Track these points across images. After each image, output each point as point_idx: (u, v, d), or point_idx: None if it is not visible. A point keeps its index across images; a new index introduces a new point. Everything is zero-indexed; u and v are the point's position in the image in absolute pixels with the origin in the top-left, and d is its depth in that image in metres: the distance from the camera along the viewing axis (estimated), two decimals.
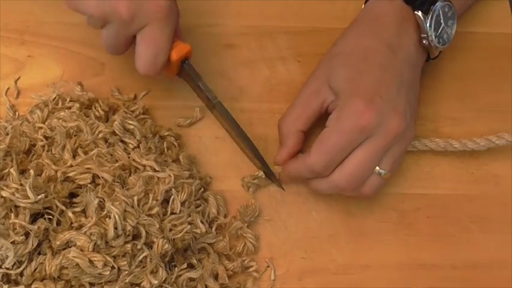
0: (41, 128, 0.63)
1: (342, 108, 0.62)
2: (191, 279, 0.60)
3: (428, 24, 0.64)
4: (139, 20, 0.59)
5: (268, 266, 0.65)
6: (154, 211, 0.59)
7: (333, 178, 0.62)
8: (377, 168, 0.62)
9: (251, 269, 0.64)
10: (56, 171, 0.59)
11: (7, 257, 0.55)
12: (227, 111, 0.66)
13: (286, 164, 0.66)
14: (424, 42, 0.66)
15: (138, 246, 0.57)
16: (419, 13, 0.64)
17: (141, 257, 0.57)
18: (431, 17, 0.64)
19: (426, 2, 0.65)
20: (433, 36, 0.65)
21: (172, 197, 0.60)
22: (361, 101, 0.61)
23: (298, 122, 0.66)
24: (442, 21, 0.66)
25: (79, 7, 0.60)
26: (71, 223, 0.57)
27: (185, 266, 0.60)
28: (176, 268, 0.60)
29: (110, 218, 0.56)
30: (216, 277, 0.62)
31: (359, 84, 0.62)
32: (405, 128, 0.62)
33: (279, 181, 0.67)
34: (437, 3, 0.65)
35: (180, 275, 0.60)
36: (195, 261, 0.62)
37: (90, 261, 0.55)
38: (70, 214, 0.57)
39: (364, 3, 0.69)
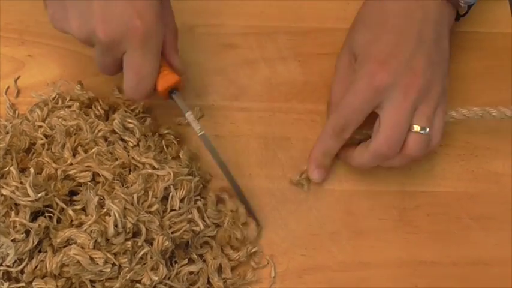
0: (40, 126, 0.63)
1: (357, 71, 0.63)
2: (191, 273, 0.60)
3: None
4: (118, 44, 0.57)
5: (268, 263, 0.65)
6: (154, 208, 0.59)
7: (372, 147, 0.62)
8: (412, 125, 0.62)
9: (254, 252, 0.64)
10: (56, 170, 0.59)
11: (8, 254, 0.55)
12: (211, 146, 0.64)
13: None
14: None
15: (139, 243, 0.57)
16: None
17: (141, 253, 0.57)
18: None
19: None
20: None
21: (171, 194, 0.60)
22: (374, 63, 0.62)
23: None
24: None
25: (64, 28, 0.59)
26: (71, 221, 0.57)
27: (186, 261, 0.60)
28: (177, 264, 0.60)
29: (109, 215, 0.56)
30: (219, 271, 0.62)
31: (374, 48, 0.64)
32: (424, 85, 0.62)
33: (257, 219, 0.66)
34: None
35: (181, 270, 0.60)
36: (195, 256, 0.62)
37: (91, 259, 0.55)
38: (70, 212, 0.57)
39: None
